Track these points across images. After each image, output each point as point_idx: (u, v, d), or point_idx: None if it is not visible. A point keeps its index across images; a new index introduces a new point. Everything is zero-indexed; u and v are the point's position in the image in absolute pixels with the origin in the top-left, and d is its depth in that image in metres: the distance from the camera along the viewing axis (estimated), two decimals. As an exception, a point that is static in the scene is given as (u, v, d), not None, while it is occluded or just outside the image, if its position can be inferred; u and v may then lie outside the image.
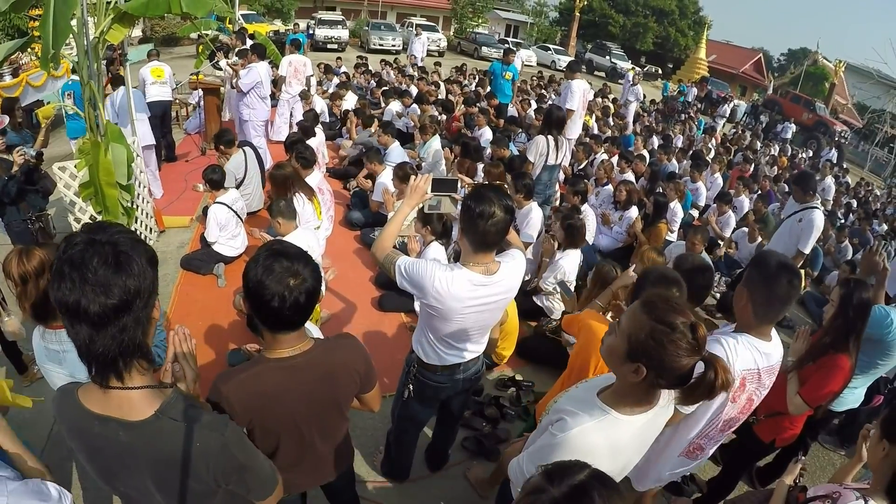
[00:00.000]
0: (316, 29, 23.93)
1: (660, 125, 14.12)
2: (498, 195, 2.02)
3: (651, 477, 2.42)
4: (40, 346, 1.96)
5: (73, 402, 1.25)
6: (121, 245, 1.16)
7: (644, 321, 1.43)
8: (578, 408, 1.58)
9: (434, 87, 11.85)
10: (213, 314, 4.48)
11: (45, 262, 1.87)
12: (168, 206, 6.25)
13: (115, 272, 1.13)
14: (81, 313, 1.11)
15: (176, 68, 13.50)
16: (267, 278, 1.51)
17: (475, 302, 2.14)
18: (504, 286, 2.19)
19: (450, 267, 2.11)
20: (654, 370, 1.42)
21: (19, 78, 9.22)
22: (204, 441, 1.25)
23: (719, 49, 37.15)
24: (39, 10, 3.69)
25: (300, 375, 1.65)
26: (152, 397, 1.24)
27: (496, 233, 2.02)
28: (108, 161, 4.15)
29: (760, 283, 2.01)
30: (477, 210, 1.99)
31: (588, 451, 1.48)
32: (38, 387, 3.60)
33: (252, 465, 1.38)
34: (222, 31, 11.76)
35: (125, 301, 1.14)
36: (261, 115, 7.60)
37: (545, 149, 5.59)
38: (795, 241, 4.68)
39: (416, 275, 2.08)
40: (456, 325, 2.22)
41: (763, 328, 2.10)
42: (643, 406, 1.54)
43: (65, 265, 1.12)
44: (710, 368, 1.38)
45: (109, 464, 1.27)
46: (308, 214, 4.58)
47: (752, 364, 2.07)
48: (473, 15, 34.88)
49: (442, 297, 2.07)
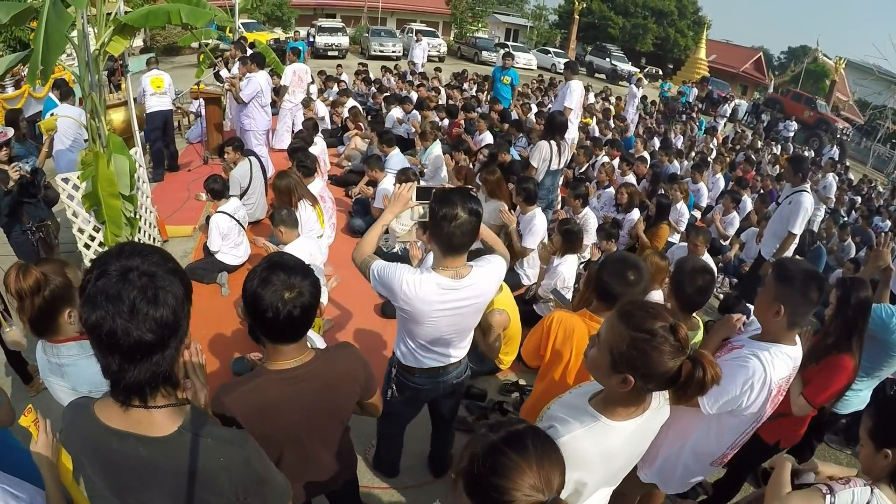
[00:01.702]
0: (316, 36, 24.11)
1: (661, 126, 14.11)
2: (463, 197, 2.04)
3: (680, 480, 2.40)
4: (43, 359, 1.97)
5: (90, 417, 1.24)
6: (158, 279, 1.13)
7: (623, 332, 1.43)
8: (569, 415, 1.58)
9: (434, 92, 11.89)
10: (217, 323, 4.49)
11: (41, 281, 1.88)
12: (171, 216, 6.27)
13: (153, 308, 1.10)
14: (114, 344, 1.09)
15: (177, 78, 13.59)
16: (263, 290, 1.53)
17: (445, 306, 2.16)
18: (475, 290, 2.20)
19: (419, 271, 2.14)
20: (641, 378, 1.42)
21: (22, 90, 9.28)
22: (227, 456, 1.26)
23: (719, 49, 37.19)
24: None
25: (301, 387, 1.67)
26: (173, 413, 1.24)
27: (461, 235, 2.04)
28: (111, 172, 4.18)
29: (795, 295, 2.01)
30: (440, 213, 2.02)
31: (579, 458, 1.48)
32: (44, 397, 3.60)
33: (270, 478, 1.39)
34: (223, 39, 11.83)
35: (161, 337, 1.12)
36: (262, 125, 7.62)
37: (548, 154, 5.61)
38: (786, 224, 4.84)
39: (387, 278, 2.13)
40: (429, 329, 2.25)
41: (792, 334, 2.12)
42: (634, 410, 1.54)
43: (99, 295, 1.08)
44: (698, 366, 1.37)
45: (124, 478, 1.27)
46: (311, 222, 4.59)
47: (786, 371, 2.09)
48: (473, 20, 35.01)
49: (410, 299, 2.11)
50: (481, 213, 2.10)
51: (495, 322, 3.69)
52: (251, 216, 5.88)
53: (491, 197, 5.44)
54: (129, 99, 5.87)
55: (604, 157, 8.39)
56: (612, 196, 6.84)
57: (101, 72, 4.41)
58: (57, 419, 2.44)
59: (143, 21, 4.28)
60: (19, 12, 3.74)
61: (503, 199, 5.37)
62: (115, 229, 4.46)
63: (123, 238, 4.47)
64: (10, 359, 3.59)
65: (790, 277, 2.03)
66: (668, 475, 2.36)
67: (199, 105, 9.07)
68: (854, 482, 1.83)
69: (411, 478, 3.23)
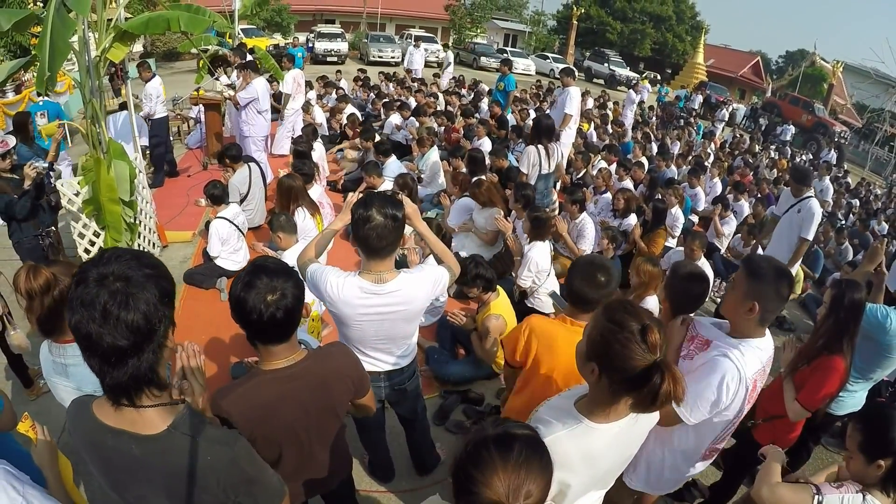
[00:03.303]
0: (315, 42, 24.16)
1: (659, 132, 14.15)
2: (382, 201, 2.10)
3: (670, 481, 2.41)
4: (48, 360, 2.01)
5: (88, 414, 1.29)
6: (132, 284, 1.15)
7: (599, 320, 1.48)
8: (554, 417, 1.60)
9: (433, 98, 11.94)
10: (216, 328, 4.51)
11: (51, 280, 1.93)
12: (170, 221, 6.31)
13: (124, 312, 1.12)
14: (93, 346, 1.13)
15: (177, 83, 13.66)
16: (246, 294, 1.58)
17: (368, 310, 2.21)
18: (400, 297, 2.23)
19: (344, 274, 2.20)
20: (604, 370, 1.45)
21: (22, 94, 9.35)
22: (214, 455, 1.29)
23: (717, 53, 37.30)
24: (41, 27, 3.73)
25: (295, 384, 1.71)
26: (164, 413, 1.28)
27: (377, 237, 2.09)
28: (111, 178, 4.21)
29: (768, 291, 2.01)
30: (356, 214, 2.08)
31: (561, 459, 1.46)
32: (43, 401, 3.64)
33: (260, 478, 1.41)
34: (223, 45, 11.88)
35: (134, 342, 1.14)
36: (261, 131, 7.63)
37: (536, 159, 5.62)
38: (797, 232, 4.83)
39: (316, 279, 2.20)
40: (357, 332, 2.30)
41: (762, 329, 2.12)
42: (615, 412, 1.53)
43: (75, 300, 1.13)
44: (659, 375, 1.36)
45: (120, 475, 1.31)
46: (309, 229, 4.62)
47: (759, 364, 2.09)
48: (472, 25, 35.10)
49: (334, 301, 2.17)
50: (400, 218, 2.13)
51: (492, 327, 3.72)
52: (250, 222, 5.90)
53: (485, 206, 5.48)
54: (130, 104, 5.89)
55: (601, 163, 8.42)
56: (609, 201, 6.85)
57: (101, 77, 4.44)
58: (55, 422, 2.47)
59: (144, 28, 4.31)
60: (21, 19, 3.77)
61: (498, 206, 5.40)
62: (116, 234, 4.49)
63: (123, 243, 4.50)
64: (11, 362, 3.61)
65: (762, 274, 2.01)
66: (655, 479, 2.36)
67: (198, 111, 9.10)
68: (846, 487, 1.85)
69: (409, 482, 3.25)
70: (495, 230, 5.22)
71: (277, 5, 28.04)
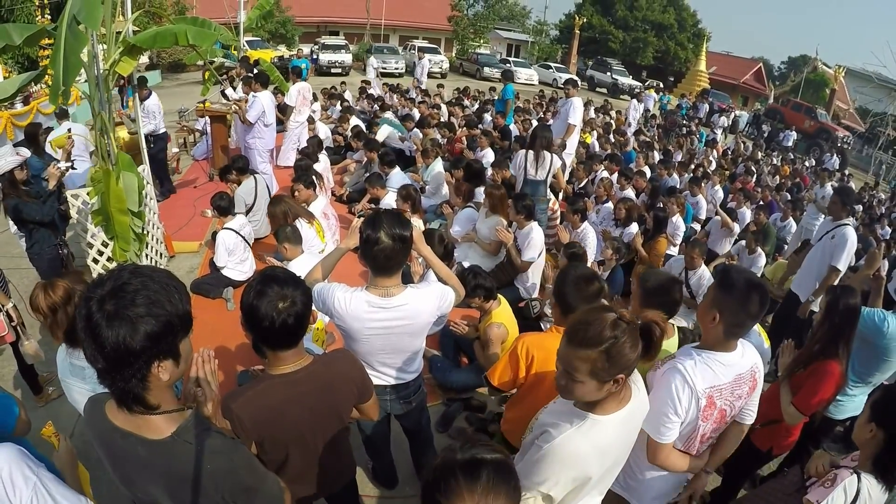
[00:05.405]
0: (320, 54, 24.43)
1: (661, 141, 14.16)
2: (390, 222, 2.12)
3: (652, 495, 2.36)
4: (65, 362, 2.07)
5: (101, 413, 1.36)
6: (125, 307, 1.18)
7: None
8: (559, 419, 1.67)
9: (436, 109, 12.02)
10: (223, 337, 4.56)
11: (69, 289, 1.99)
12: (178, 232, 6.39)
13: (108, 331, 1.17)
14: (88, 359, 1.22)
15: (183, 95, 13.80)
16: (258, 302, 1.65)
17: (376, 324, 2.25)
18: (406, 311, 2.27)
19: (352, 289, 2.24)
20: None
21: (30, 106, 9.49)
22: (214, 464, 1.35)
23: (719, 60, 37.37)
24: (51, 40, 3.82)
25: (302, 388, 1.78)
26: (170, 419, 1.34)
27: (385, 258, 2.14)
28: (120, 189, 4.28)
29: (732, 303, 1.95)
30: (364, 235, 2.13)
31: (576, 456, 1.57)
32: (52, 407, 3.71)
33: (259, 486, 1.47)
34: (229, 57, 12.02)
35: (115, 362, 1.20)
36: (266, 143, 7.70)
37: (522, 162, 5.73)
38: (829, 259, 4.45)
39: (324, 296, 2.24)
40: (365, 346, 2.33)
41: (730, 343, 2.05)
42: (616, 403, 1.63)
43: (77, 315, 1.22)
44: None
45: (129, 473, 1.38)
46: (311, 239, 4.69)
47: (717, 380, 2.01)
48: (475, 36, 35.30)
49: (342, 316, 2.21)
50: (408, 238, 2.16)
51: (493, 335, 3.75)
52: (256, 233, 5.98)
53: (493, 212, 5.53)
54: (138, 116, 5.95)
55: (603, 172, 8.47)
56: (610, 211, 6.89)
57: (110, 90, 4.51)
58: (64, 426, 2.53)
59: (152, 42, 4.38)
60: (32, 34, 3.85)
61: (503, 216, 5.46)
62: (124, 244, 4.55)
63: (132, 252, 4.56)
64: (22, 370, 3.68)
65: (730, 286, 1.96)
66: (637, 492, 2.32)
67: (204, 122, 9.19)
68: (842, 474, 1.92)
69: (412, 487, 3.28)
70: (497, 240, 5.27)
71: (282, 17, 28.27)
